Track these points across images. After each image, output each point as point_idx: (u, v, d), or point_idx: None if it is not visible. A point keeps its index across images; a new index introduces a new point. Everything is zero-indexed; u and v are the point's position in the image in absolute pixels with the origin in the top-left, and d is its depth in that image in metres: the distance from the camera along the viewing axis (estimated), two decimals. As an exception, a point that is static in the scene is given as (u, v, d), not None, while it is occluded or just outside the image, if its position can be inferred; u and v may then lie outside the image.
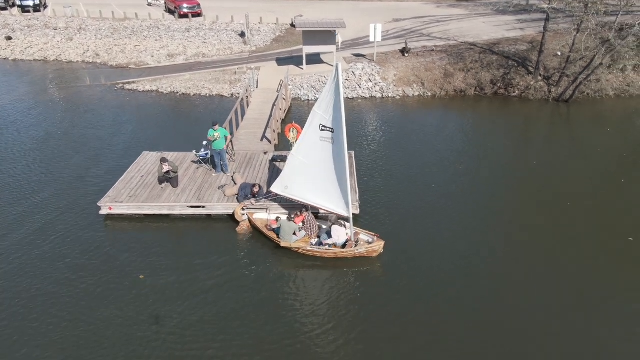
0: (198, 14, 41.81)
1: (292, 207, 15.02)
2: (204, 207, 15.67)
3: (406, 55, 30.57)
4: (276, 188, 14.91)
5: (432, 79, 28.32)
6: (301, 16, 37.80)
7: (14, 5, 45.23)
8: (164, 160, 16.24)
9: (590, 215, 15.81)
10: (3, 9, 45.06)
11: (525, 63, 28.55)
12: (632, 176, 18.51)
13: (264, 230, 14.56)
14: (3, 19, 41.89)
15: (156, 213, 15.67)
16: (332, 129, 13.24)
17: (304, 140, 14.01)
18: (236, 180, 16.56)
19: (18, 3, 44.10)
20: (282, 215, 14.77)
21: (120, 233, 15.02)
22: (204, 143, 17.66)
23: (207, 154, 17.66)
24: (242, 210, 15.16)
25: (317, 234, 14.34)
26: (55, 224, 15.36)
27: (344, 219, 14.07)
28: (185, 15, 41.14)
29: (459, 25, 37.20)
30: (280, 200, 15.32)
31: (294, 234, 14.06)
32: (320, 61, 30.82)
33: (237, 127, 21.26)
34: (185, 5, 41.53)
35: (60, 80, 30.43)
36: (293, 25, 38.26)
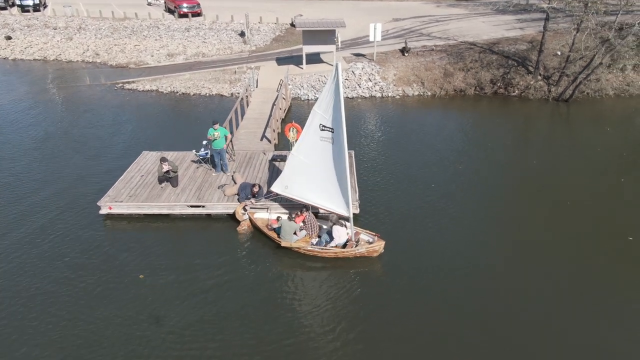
0: (198, 14, 41.81)
1: (293, 207, 15.02)
2: (203, 207, 15.68)
3: (406, 54, 30.57)
4: (276, 188, 14.91)
5: (432, 79, 28.31)
6: (301, 16, 37.78)
7: (13, 4, 45.21)
8: (163, 160, 16.24)
9: (590, 215, 15.81)
10: (3, 8, 45.04)
11: (525, 62, 28.55)
12: (632, 175, 18.52)
13: (265, 230, 14.57)
14: (3, 19, 41.88)
15: (156, 213, 15.68)
16: (332, 128, 13.24)
17: (304, 140, 14.01)
18: (236, 180, 16.57)
19: (18, 2, 44.08)
20: (283, 214, 14.76)
21: (120, 233, 15.03)
22: (204, 142, 17.67)
23: (207, 154, 17.66)
24: (243, 210, 15.16)
25: (318, 234, 14.35)
26: (55, 223, 15.36)
27: (345, 218, 14.08)
28: (185, 15, 41.14)
29: (458, 24, 37.19)
30: (281, 199, 15.32)
31: (295, 233, 14.06)
32: (320, 61, 30.82)
33: (237, 127, 21.26)
34: (185, 5, 41.52)
35: (59, 79, 30.43)
36: (293, 24, 38.26)
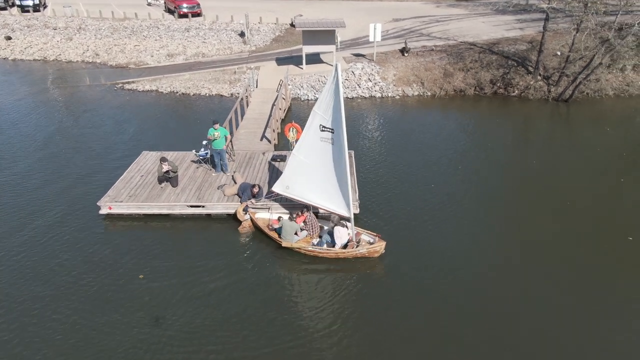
0: (198, 14, 41.81)
1: (294, 207, 15.02)
2: (203, 207, 15.68)
3: (406, 54, 30.58)
4: (277, 188, 14.92)
5: (432, 79, 28.32)
6: (301, 16, 37.80)
7: (13, 5, 45.22)
8: (163, 160, 16.24)
9: (590, 215, 15.82)
10: (3, 8, 45.05)
11: (524, 63, 28.56)
12: (632, 176, 18.53)
13: (266, 230, 14.56)
14: (3, 19, 41.88)
15: (156, 213, 15.68)
16: (332, 129, 13.23)
17: (305, 141, 14.01)
18: (236, 180, 16.57)
19: (17, 3, 44.09)
20: (284, 215, 14.75)
21: (120, 232, 15.03)
22: (204, 142, 17.67)
23: (207, 154, 17.66)
24: (244, 210, 15.15)
25: (319, 234, 14.33)
26: (55, 223, 15.36)
27: (346, 219, 14.07)
28: (184, 15, 41.15)
29: (458, 25, 37.20)
30: (282, 200, 15.32)
31: (296, 234, 14.06)
32: (320, 61, 30.82)
33: (237, 127, 21.27)
34: (184, 5, 41.52)
35: (59, 80, 30.43)
36: (293, 24, 38.27)
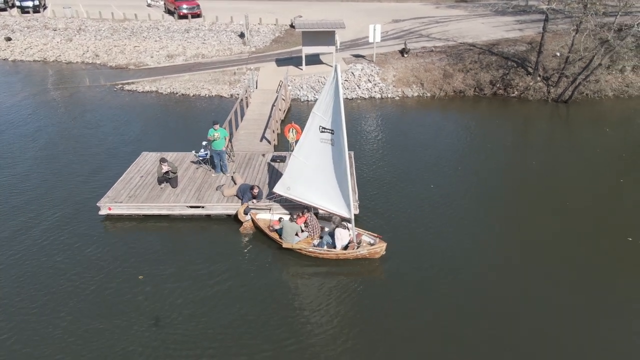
0: (197, 15, 41.84)
1: (295, 208, 14.98)
2: (203, 208, 15.67)
3: (405, 55, 30.60)
4: (278, 189, 14.91)
5: (432, 80, 28.34)
6: (300, 17, 37.86)
7: (13, 6, 45.24)
8: (163, 161, 16.23)
9: (589, 215, 15.82)
10: (2, 9, 45.06)
11: (524, 64, 28.59)
12: (631, 176, 18.54)
13: (267, 231, 14.55)
14: (2, 20, 41.91)
15: (155, 213, 15.67)
16: (332, 130, 13.23)
17: (305, 142, 14.00)
18: (236, 180, 16.57)
19: (17, 4, 44.13)
20: (285, 216, 14.72)
21: (120, 233, 15.02)
22: (204, 143, 17.67)
23: (207, 154, 17.66)
24: (245, 211, 15.14)
25: (320, 235, 14.32)
26: (54, 224, 15.35)
27: (346, 220, 14.05)
28: (184, 16, 41.17)
29: (458, 26, 37.24)
30: (283, 200, 15.30)
31: (296, 234, 14.04)
32: (320, 62, 30.84)
33: (237, 128, 21.28)
34: (184, 6, 41.56)
35: (59, 81, 30.45)
36: (292, 25, 38.30)
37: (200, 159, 17.70)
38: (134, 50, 34.90)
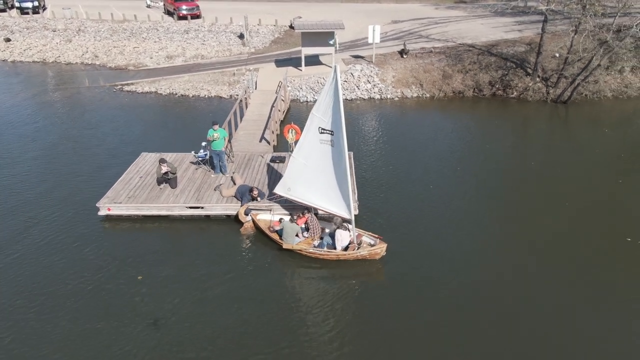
0: (197, 16, 41.86)
1: (295, 209, 14.94)
2: (202, 208, 15.67)
3: (405, 56, 30.63)
4: (279, 190, 14.91)
5: (431, 81, 28.37)
6: (300, 18, 37.89)
7: (12, 7, 45.26)
8: (162, 161, 16.23)
9: (588, 216, 15.84)
10: (2, 10, 45.08)
11: (523, 64, 28.63)
12: (630, 177, 18.56)
13: (267, 232, 14.54)
14: (2, 21, 41.91)
15: (155, 214, 15.66)
16: (332, 131, 13.24)
17: (304, 143, 13.99)
18: (235, 181, 16.57)
19: (17, 5, 44.14)
20: (286, 216, 14.70)
21: (119, 234, 15.02)
22: (203, 144, 17.67)
23: (206, 155, 17.66)
24: (246, 211, 15.14)
25: (320, 236, 14.31)
26: (53, 224, 15.34)
27: (347, 221, 14.03)
28: (184, 17, 41.19)
29: (457, 26, 37.29)
30: (283, 201, 15.28)
31: (297, 235, 14.03)
32: (319, 62, 30.86)
33: (236, 128, 21.29)
34: (184, 7, 41.59)
35: (59, 81, 30.45)
36: (292, 26, 38.32)
37: (200, 159, 17.70)
38: (133, 51, 34.91)
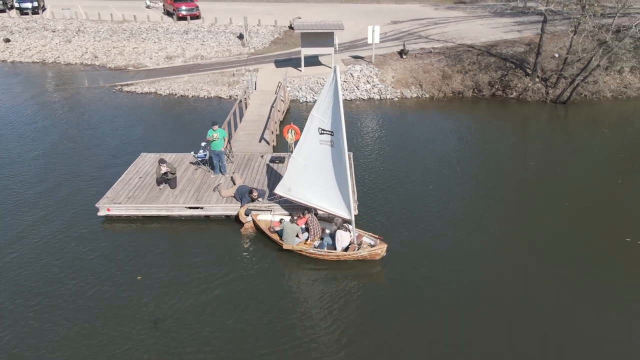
0: (196, 17, 41.85)
1: (296, 209, 14.92)
2: (202, 208, 15.67)
3: (404, 57, 30.64)
4: (279, 190, 14.90)
5: (430, 81, 28.39)
6: (299, 18, 37.89)
7: (12, 7, 45.25)
8: (162, 162, 16.23)
9: (588, 216, 15.85)
10: (1, 11, 45.07)
11: (522, 65, 28.64)
12: (629, 177, 18.58)
13: (267, 232, 14.53)
14: (1, 21, 41.88)
15: (154, 214, 15.66)
16: (332, 132, 13.24)
17: (304, 144, 13.99)
18: (235, 181, 16.57)
19: (16, 5, 44.13)
20: (286, 217, 14.70)
21: (118, 234, 15.01)
22: (203, 144, 17.67)
23: (206, 155, 17.66)
24: (247, 212, 15.13)
25: (321, 236, 14.30)
26: (53, 225, 15.34)
27: (347, 221, 14.01)
28: (183, 18, 41.19)
29: (456, 27, 37.31)
30: (284, 201, 15.27)
31: (297, 236, 14.02)
32: (319, 63, 30.87)
33: (236, 129, 21.29)
34: (183, 8, 41.58)
35: (58, 82, 30.44)
36: (291, 27, 38.34)
37: (199, 159, 17.70)
38: (132, 52, 34.91)
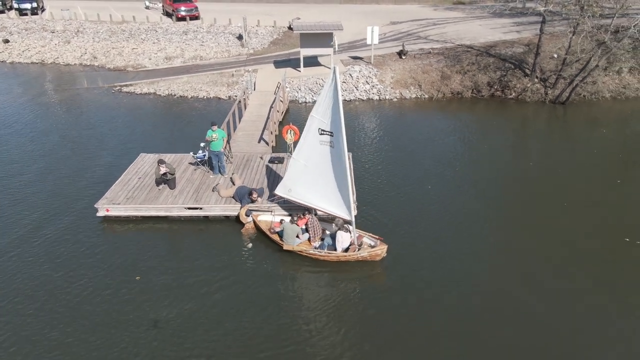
0: (196, 17, 41.86)
1: (296, 210, 14.92)
2: (201, 209, 15.66)
3: (403, 57, 30.67)
4: (280, 191, 14.90)
5: (429, 81, 28.41)
6: (298, 19, 37.91)
7: (11, 8, 45.23)
8: (161, 162, 16.23)
9: (587, 217, 15.85)
10: (0, 12, 45.05)
11: (521, 65, 28.67)
12: (628, 177, 18.61)
13: (268, 233, 14.52)
14: (0, 22, 41.84)
15: (153, 215, 15.65)
16: (332, 132, 13.25)
17: (304, 145, 13.99)
18: (234, 181, 16.57)
19: (16, 6, 44.11)
20: (287, 217, 14.68)
21: (117, 235, 15.00)
22: (202, 144, 17.67)
23: (205, 156, 17.66)
24: (247, 212, 15.12)
25: (321, 237, 14.27)
26: (52, 226, 15.33)
27: (348, 222, 14.00)
28: (182, 18, 41.19)
29: (455, 28, 37.35)
30: (284, 202, 15.27)
31: (297, 236, 14.01)
32: (318, 63, 30.89)
33: (235, 129, 21.29)
34: (182, 9, 41.58)
35: (57, 83, 30.43)
36: (290, 28, 38.35)
37: (199, 160, 17.70)
38: (132, 53, 34.90)
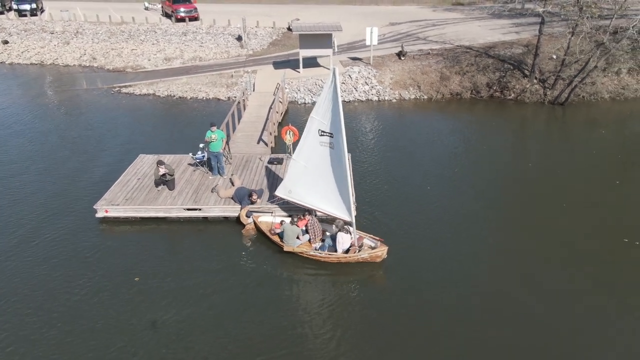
0: (195, 18, 41.87)
1: (297, 211, 14.91)
2: (200, 210, 15.66)
3: (402, 58, 30.69)
4: (280, 192, 14.88)
5: (429, 82, 28.43)
6: (298, 20, 37.91)
7: (10, 9, 45.23)
8: (160, 163, 16.21)
9: (586, 217, 15.86)
10: (0, 13, 45.06)
11: (520, 66, 28.70)
12: (627, 178, 18.62)
13: (268, 234, 14.51)
14: (0, 23, 41.85)
15: (152, 216, 15.64)
16: (331, 133, 13.26)
17: (304, 146, 13.98)
18: (234, 182, 16.57)
19: (15, 7, 44.10)
20: (287, 219, 14.65)
21: (116, 236, 14.99)
22: (201, 145, 17.66)
23: (204, 157, 17.66)
24: (248, 214, 15.11)
25: (322, 238, 14.25)
26: (51, 227, 15.30)
27: (348, 223, 13.98)
28: (182, 19, 41.21)
29: (454, 28, 37.38)
30: (284, 203, 15.25)
31: (298, 237, 13.99)
32: (317, 64, 30.91)
33: (234, 130, 21.29)
34: (182, 10, 41.59)
35: (56, 84, 30.41)
36: (289, 28, 38.35)
37: (198, 161, 17.69)
38: (131, 53, 34.90)
